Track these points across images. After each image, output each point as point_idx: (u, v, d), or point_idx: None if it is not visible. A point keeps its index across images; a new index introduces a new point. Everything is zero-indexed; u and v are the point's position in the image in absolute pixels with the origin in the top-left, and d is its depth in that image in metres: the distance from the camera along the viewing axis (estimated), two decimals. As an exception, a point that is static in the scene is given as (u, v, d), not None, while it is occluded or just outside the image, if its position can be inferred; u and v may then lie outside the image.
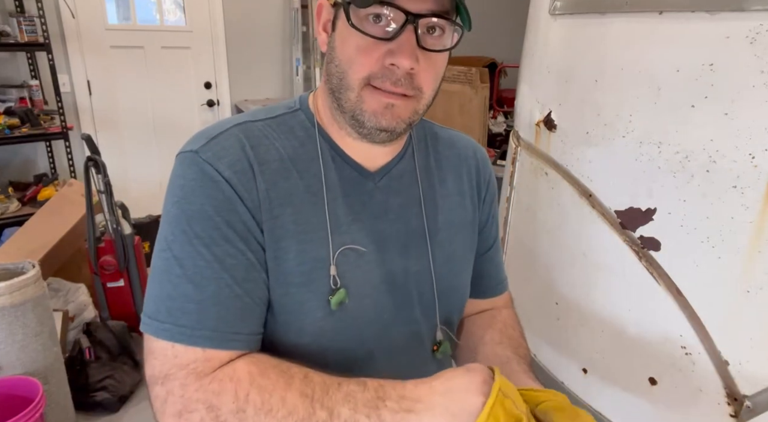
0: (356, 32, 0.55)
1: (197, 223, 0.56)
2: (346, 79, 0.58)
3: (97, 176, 2.21)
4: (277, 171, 0.61)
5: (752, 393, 0.73)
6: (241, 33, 3.90)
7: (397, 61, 0.55)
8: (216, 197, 0.57)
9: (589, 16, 0.82)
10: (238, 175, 0.58)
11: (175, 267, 0.56)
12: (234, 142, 0.60)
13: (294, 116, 0.67)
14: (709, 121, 0.68)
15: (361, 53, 0.56)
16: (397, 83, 0.57)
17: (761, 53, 0.63)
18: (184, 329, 0.55)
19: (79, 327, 2.24)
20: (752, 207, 0.67)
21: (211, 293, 0.56)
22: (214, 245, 0.56)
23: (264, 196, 0.59)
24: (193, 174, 0.58)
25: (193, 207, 0.57)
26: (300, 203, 0.62)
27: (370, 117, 0.59)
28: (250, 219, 0.58)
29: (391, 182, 0.69)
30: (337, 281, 0.63)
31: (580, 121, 0.86)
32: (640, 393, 0.83)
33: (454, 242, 0.74)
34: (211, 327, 0.55)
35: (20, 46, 2.94)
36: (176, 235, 0.57)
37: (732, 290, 0.72)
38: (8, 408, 1.53)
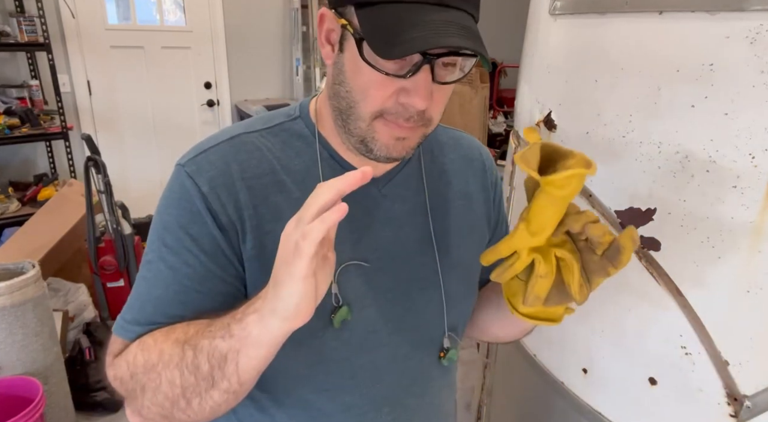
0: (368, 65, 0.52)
1: (167, 232, 0.59)
2: (357, 109, 0.56)
3: (97, 176, 2.21)
4: (268, 185, 0.61)
5: (752, 393, 0.73)
6: (241, 33, 3.90)
7: (413, 102, 0.54)
8: (187, 210, 0.59)
9: (589, 16, 0.82)
10: (217, 190, 0.59)
11: (143, 270, 0.61)
12: (221, 157, 0.61)
13: (293, 124, 0.66)
14: (709, 121, 0.68)
15: (375, 87, 0.54)
16: (409, 120, 0.56)
17: (761, 53, 0.63)
18: (124, 323, 0.60)
19: (79, 327, 2.24)
20: (752, 207, 0.67)
21: (155, 295, 0.59)
22: (175, 254, 0.58)
23: (250, 212, 0.59)
24: (176, 186, 0.60)
25: (168, 218, 0.59)
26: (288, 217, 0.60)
27: (381, 147, 0.58)
28: (219, 234, 0.59)
29: (396, 188, 0.68)
30: (339, 299, 0.62)
31: (580, 121, 0.86)
32: (640, 393, 0.83)
33: (461, 247, 0.73)
34: (141, 322, 0.59)
35: (20, 46, 2.94)
36: (152, 242, 0.60)
37: (732, 290, 0.72)
38: (8, 408, 1.53)
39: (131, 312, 0.60)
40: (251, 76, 4.04)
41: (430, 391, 0.73)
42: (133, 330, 0.60)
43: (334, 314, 0.62)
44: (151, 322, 0.59)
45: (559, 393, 0.97)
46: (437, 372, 0.73)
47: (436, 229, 0.70)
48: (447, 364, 0.72)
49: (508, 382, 1.23)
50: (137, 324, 0.59)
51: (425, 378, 0.72)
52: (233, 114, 4.04)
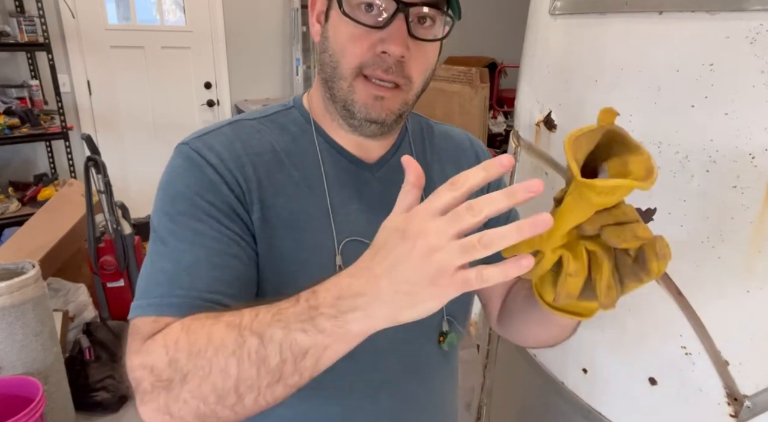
0: (349, 21, 0.57)
1: (180, 202, 0.58)
2: (339, 68, 0.59)
3: (97, 176, 2.21)
4: (270, 162, 0.63)
5: (752, 393, 0.73)
6: (241, 33, 3.90)
7: (388, 49, 0.57)
8: (199, 178, 0.58)
9: (589, 16, 0.82)
10: (225, 163, 0.60)
11: (158, 246, 0.57)
12: (224, 138, 0.62)
13: (288, 113, 0.69)
14: (709, 121, 0.68)
15: (354, 42, 0.58)
16: (388, 71, 0.58)
17: (761, 53, 0.63)
18: (153, 300, 0.54)
19: (79, 327, 2.24)
20: (752, 207, 0.67)
21: (186, 263, 0.55)
22: (195, 220, 0.57)
23: (255, 185, 0.61)
24: (180, 161, 0.60)
25: (177, 188, 0.58)
26: (294, 193, 0.63)
27: (361, 108, 0.60)
28: (235, 201, 0.59)
29: (390, 174, 0.69)
30: None
31: (580, 121, 0.86)
32: (640, 393, 0.83)
33: None
34: (179, 294, 0.53)
35: (20, 46, 2.94)
36: (160, 217, 0.58)
37: (732, 290, 0.72)
38: (8, 408, 1.53)
39: (160, 288, 0.54)
40: (251, 76, 4.05)
41: (429, 377, 0.73)
42: (169, 303, 0.53)
43: None
44: (190, 289, 0.53)
45: (559, 393, 0.97)
46: (437, 359, 0.73)
47: None
48: (447, 349, 0.72)
49: (508, 382, 1.23)
50: (173, 296, 0.53)
51: (425, 364, 0.73)
52: (233, 114, 4.04)
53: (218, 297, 0.54)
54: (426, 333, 0.71)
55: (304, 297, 0.45)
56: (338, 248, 0.64)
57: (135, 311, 0.55)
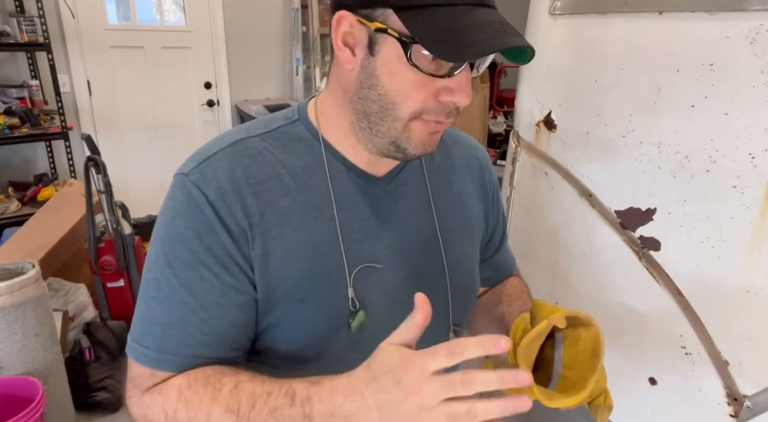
0: (413, 67, 0.53)
1: (177, 246, 0.57)
2: (396, 110, 0.56)
3: (97, 176, 2.21)
4: (273, 190, 0.61)
5: (752, 393, 0.73)
6: (241, 33, 3.90)
7: (457, 100, 0.55)
8: (198, 220, 0.57)
9: (589, 16, 0.82)
10: (224, 198, 0.58)
11: (151, 289, 0.59)
12: (225, 164, 0.60)
13: (293, 127, 0.65)
14: (709, 121, 0.68)
15: (417, 88, 0.55)
16: (449, 115, 0.58)
17: (761, 53, 0.63)
18: (147, 350, 0.58)
19: (79, 327, 2.24)
20: (752, 207, 0.67)
21: (176, 317, 0.58)
22: (189, 269, 0.57)
23: (257, 219, 0.59)
24: (181, 196, 0.58)
25: (176, 230, 0.58)
26: (299, 221, 0.61)
27: (417, 145, 0.59)
28: (231, 243, 0.58)
29: (399, 187, 0.68)
30: (356, 303, 0.62)
31: (580, 121, 0.86)
32: (640, 393, 0.83)
33: (463, 242, 0.74)
34: (170, 350, 0.58)
35: (20, 46, 2.94)
36: (158, 257, 0.58)
37: (732, 290, 0.72)
38: (8, 408, 1.53)
39: (152, 338, 0.58)
40: (251, 76, 4.04)
41: None
42: (164, 359, 0.58)
43: (352, 319, 0.62)
44: (179, 348, 0.57)
45: (559, 393, 0.97)
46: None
47: (440, 225, 0.70)
48: None
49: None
50: (166, 352, 0.57)
51: None
52: (233, 114, 4.04)
53: (207, 353, 0.59)
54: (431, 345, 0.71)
55: (299, 401, 0.50)
56: (350, 279, 0.62)
57: (131, 353, 0.59)
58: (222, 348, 0.59)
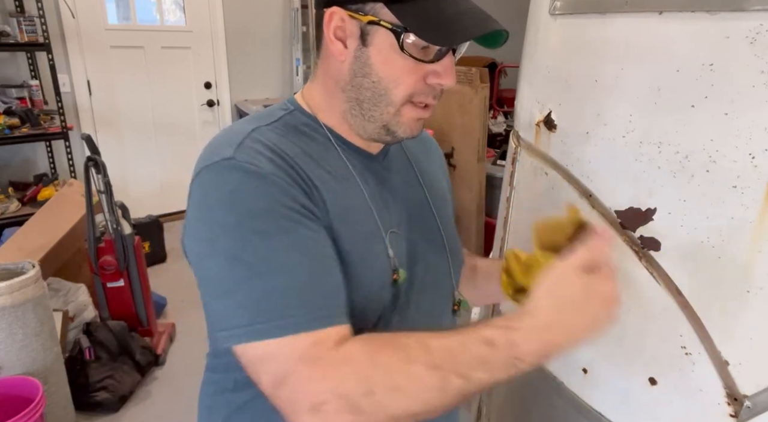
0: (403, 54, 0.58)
1: (265, 218, 0.55)
2: (389, 95, 0.62)
3: (97, 176, 2.21)
4: (307, 162, 0.63)
5: (752, 393, 0.73)
6: (241, 33, 3.90)
7: (444, 82, 0.61)
8: (269, 189, 0.57)
9: (589, 16, 0.82)
10: (280, 168, 0.59)
11: (260, 267, 0.54)
12: (261, 145, 0.61)
13: (293, 116, 0.69)
14: (709, 121, 0.68)
15: (408, 73, 0.60)
16: (436, 97, 0.64)
17: (761, 53, 0.63)
18: (291, 319, 0.53)
19: (79, 327, 2.24)
20: (752, 207, 0.67)
21: (304, 277, 0.55)
22: (287, 232, 0.56)
23: (309, 182, 0.61)
24: (239, 176, 0.56)
25: (253, 204, 0.55)
26: (336, 189, 0.64)
27: (405, 129, 0.65)
28: (307, 199, 0.59)
29: (392, 162, 0.75)
30: (395, 262, 0.67)
31: (580, 121, 0.86)
32: (640, 393, 0.83)
33: (448, 213, 0.84)
34: (316, 306, 0.55)
35: (20, 46, 2.95)
36: (247, 238, 0.55)
37: (732, 290, 0.72)
38: (8, 408, 1.53)
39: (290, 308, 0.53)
40: (251, 76, 4.05)
41: None
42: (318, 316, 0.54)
43: (396, 276, 0.67)
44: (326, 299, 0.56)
45: (559, 393, 0.97)
46: (451, 326, 0.81)
47: (430, 195, 0.79)
48: (458, 317, 0.82)
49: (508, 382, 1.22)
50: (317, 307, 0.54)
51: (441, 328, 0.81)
52: (233, 114, 4.04)
53: (344, 300, 0.58)
54: (445, 306, 0.79)
55: (503, 346, 0.54)
56: (386, 239, 0.67)
57: (265, 334, 0.53)
58: (344, 294, 0.59)
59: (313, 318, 0.54)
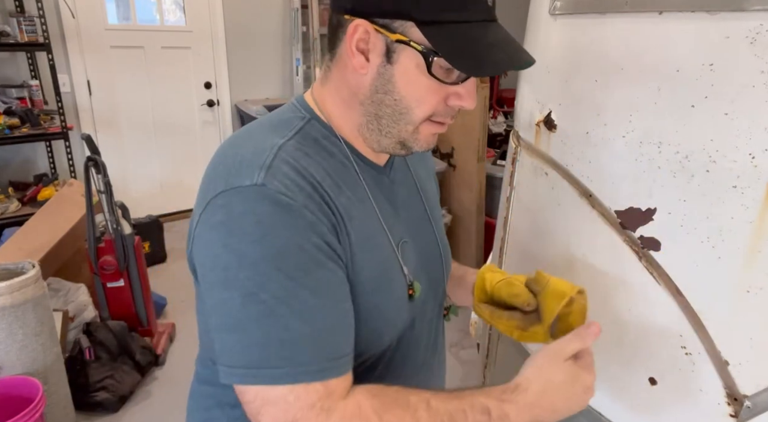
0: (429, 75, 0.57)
1: (290, 257, 0.54)
2: (410, 114, 0.61)
3: (97, 176, 2.21)
4: (332, 186, 0.61)
5: (752, 393, 0.73)
6: (241, 33, 3.90)
7: (466, 104, 0.61)
8: (299, 224, 0.55)
9: (589, 16, 0.82)
10: (311, 198, 0.57)
11: (279, 308, 0.53)
12: (290, 168, 0.58)
13: (312, 126, 0.65)
14: (709, 121, 0.68)
15: (431, 94, 0.59)
16: (453, 117, 0.63)
17: (761, 53, 0.63)
18: (304, 367, 0.53)
19: (79, 327, 2.24)
20: (752, 207, 0.67)
21: (322, 324, 0.55)
22: (311, 274, 0.54)
23: (338, 215, 0.59)
24: (268, 207, 0.54)
25: (279, 240, 0.54)
26: (356, 213, 0.62)
27: (422, 145, 0.64)
28: (334, 239, 0.58)
29: (396, 174, 0.75)
30: (410, 277, 0.68)
31: (580, 121, 0.86)
32: (640, 393, 0.83)
33: (440, 219, 0.85)
34: (328, 356, 0.55)
35: (20, 46, 2.95)
36: (270, 276, 0.53)
37: (732, 290, 0.72)
38: (8, 408, 1.53)
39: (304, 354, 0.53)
40: (251, 76, 4.05)
41: (440, 348, 0.84)
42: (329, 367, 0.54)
43: (411, 291, 0.68)
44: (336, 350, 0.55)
45: (559, 393, 0.97)
46: (442, 330, 0.84)
47: (428, 205, 0.80)
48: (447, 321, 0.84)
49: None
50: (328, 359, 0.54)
51: (438, 336, 0.82)
52: (233, 114, 4.04)
53: (352, 348, 0.59)
54: (440, 311, 0.81)
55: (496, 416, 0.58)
56: (398, 251, 0.68)
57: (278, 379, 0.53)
58: (354, 340, 0.60)
59: (327, 369, 0.54)
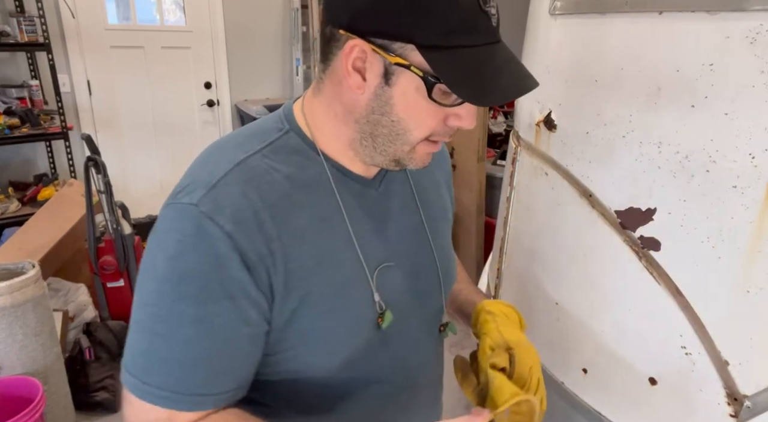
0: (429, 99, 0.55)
1: (188, 282, 0.54)
2: (407, 136, 0.59)
3: (97, 176, 2.21)
4: (286, 209, 0.59)
5: (752, 393, 0.73)
6: (241, 33, 3.90)
7: (465, 125, 0.58)
8: (210, 255, 0.54)
9: (589, 16, 0.82)
10: (242, 227, 0.55)
11: (157, 324, 0.56)
12: (236, 189, 0.57)
13: (288, 138, 0.64)
14: (709, 121, 0.68)
15: (431, 116, 0.57)
16: (452, 136, 0.61)
17: (761, 53, 0.63)
18: (151, 388, 0.56)
19: (79, 327, 2.24)
20: (752, 207, 0.67)
21: (187, 354, 0.56)
22: (201, 305, 0.55)
23: (277, 244, 0.57)
24: (191, 229, 0.55)
25: (188, 265, 0.54)
26: (314, 235, 0.60)
27: (417, 163, 0.62)
28: (244, 275, 0.55)
29: (389, 186, 0.71)
30: (382, 305, 0.65)
31: (580, 121, 0.86)
32: (640, 393, 0.83)
33: (444, 231, 0.80)
34: (176, 388, 0.56)
35: (20, 46, 2.94)
36: (164, 293, 0.55)
37: (732, 290, 0.72)
38: (8, 408, 1.53)
39: (166, 377, 0.56)
40: (251, 76, 4.04)
41: (432, 365, 0.80)
42: (183, 400, 0.56)
43: (381, 319, 0.64)
44: (197, 387, 0.57)
45: (559, 393, 0.97)
46: (437, 347, 0.80)
47: (426, 217, 0.75)
48: (445, 337, 0.80)
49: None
50: (184, 393, 0.56)
51: (431, 354, 0.79)
52: (233, 114, 4.04)
53: (221, 389, 0.58)
54: (433, 328, 0.77)
55: None
56: (373, 281, 0.64)
57: (139, 393, 0.56)
58: (231, 383, 0.59)
59: (175, 400, 0.56)
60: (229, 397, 0.59)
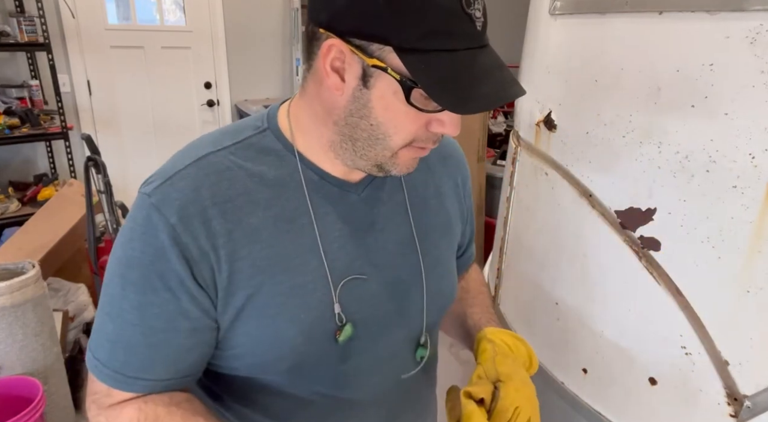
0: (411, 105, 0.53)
1: (131, 270, 0.57)
2: (387, 140, 0.56)
3: (97, 176, 2.21)
4: (242, 207, 0.58)
5: (752, 393, 0.73)
6: (241, 33, 3.90)
7: (448, 131, 0.56)
8: (152, 245, 0.56)
9: (589, 16, 0.82)
10: (186, 220, 0.56)
11: (106, 304, 0.59)
12: (189, 183, 0.57)
13: (262, 137, 0.62)
14: (709, 121, 0.68)
15: (410, 121, 0.55)
16: (436, 142, 0.59)
17: (761, 53, 0.63)
18: (97, 363, 0.60)
19: (79, 327, 2.24)
20: (752, 207, 0.67)
21: (126, 338, 0.58)
22: (140, 293, 0.57)
23: (223, 240, 0.57)
24: (140, 218, 0.57)
25: (132, 253, 0.57)
26: (270, 236, 0.59)
27: (401, 169, 0.60)
28: (185, 269, 0.56)
29: (375, 192, 0.67)
30: (343, 318, 0.62)
31: (580, 121, 0.86)
32: (640, 393, 0.83)
33: (441, 244, 0.74)
34: (115, 368, 0.59)
35: (20, 46, 2.95)
36: (114, 276, 0.58)
37: (732, 290, 0.72)
38: (8, 408, 1.53)
39: (103, 353, 0.60)
40: (251, 76, 4.05)
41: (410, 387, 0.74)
42: (114, 378, 0.59)
43: (339, 332, 0.62)
44: (125, 368, 0.59)
45: (559, 393, 0.97)
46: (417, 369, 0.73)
47: (417, 228, 0.70)
48: (419, 359, 0.72)
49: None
50: (114, 370, 0.59)
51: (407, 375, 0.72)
52: (233, 114, 4.04)
53: (154, 376, 0.60)
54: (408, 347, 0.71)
55: None
56: (335, 292, 0.62)
57: (89, 363, 0.61)
58: (168, 372, 0.60)
59: (114, 378, 0.59)
60: (169, 385, 0.61)
